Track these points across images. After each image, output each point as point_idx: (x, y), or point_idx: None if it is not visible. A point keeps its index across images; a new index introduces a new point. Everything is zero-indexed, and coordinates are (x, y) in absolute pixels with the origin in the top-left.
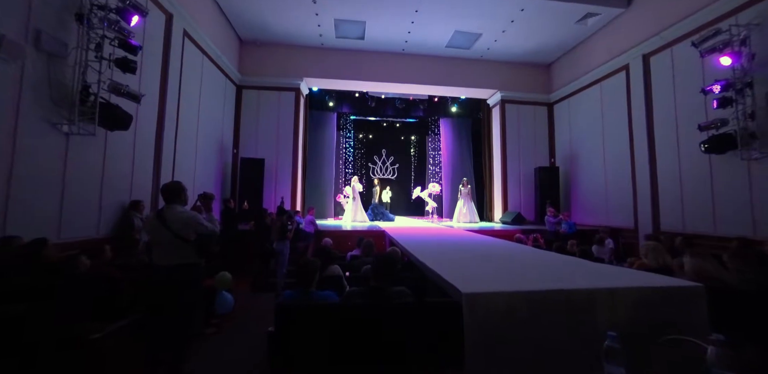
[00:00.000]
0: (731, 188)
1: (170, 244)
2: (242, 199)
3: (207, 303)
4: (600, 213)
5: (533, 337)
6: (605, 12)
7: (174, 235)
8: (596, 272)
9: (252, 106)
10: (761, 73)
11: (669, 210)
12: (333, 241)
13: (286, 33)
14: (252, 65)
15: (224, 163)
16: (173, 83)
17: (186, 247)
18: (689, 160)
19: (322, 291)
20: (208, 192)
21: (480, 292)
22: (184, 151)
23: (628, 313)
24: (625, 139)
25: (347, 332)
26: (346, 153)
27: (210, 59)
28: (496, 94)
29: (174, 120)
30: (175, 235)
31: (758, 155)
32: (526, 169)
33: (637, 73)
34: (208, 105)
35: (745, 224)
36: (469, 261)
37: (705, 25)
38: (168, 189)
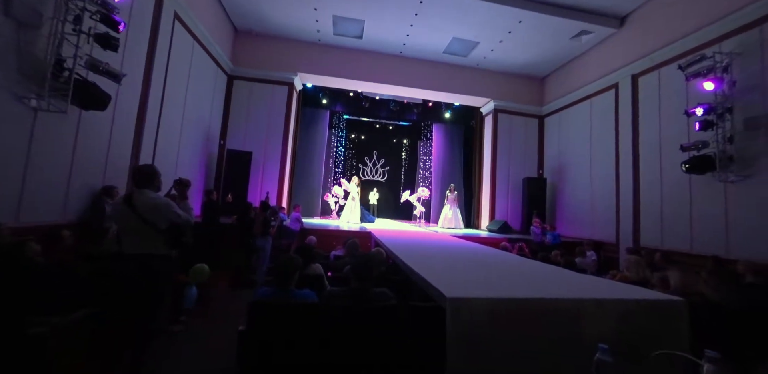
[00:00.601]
0: (708, 208)
1: (138, 232)
2: (226, 192)
3: (176, 298)
4: (584, 226)
5: (516, 344)
6: (599, 30)
7: (143, 223)
8: (581, 283)
9: (243, 98)
10: (741, 99)
11: (649, 226)
12: (317, 240)
13: (283, 26)
14: (245, 56)
15: (209, 153)
16: (159, 66)
17: (156, 236)
18: (671, 179)
19: (301, 290)
20: (184, 179)
21: (465, 297)
22: (167, 138)
23: (613, 325)
24: (611, 154)
25: (324, 333)
26: (336, 152)
27: (201, 45)
28: (489, 103)
29: (158, 104)
30: (144, 223)
31: (734, 178)
32: (515, 179)
33: (626, 92)
34: (196, 92)
35: (719, 244)
36: (455, 266)
37: (691, 50)
38: (140, 172)
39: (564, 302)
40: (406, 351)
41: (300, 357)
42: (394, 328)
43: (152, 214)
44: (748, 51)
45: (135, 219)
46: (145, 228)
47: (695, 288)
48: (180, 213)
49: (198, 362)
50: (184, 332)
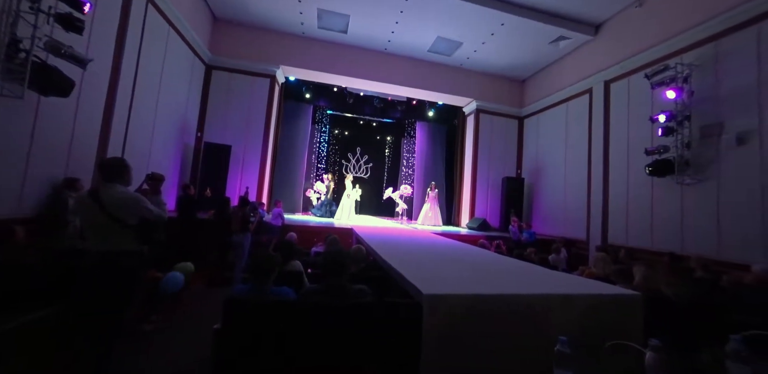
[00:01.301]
0: (667, 208)
1: (106, 228)
2: (204, 186)
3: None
4: (557, 225)
5: (489, 339)
6: (575, 37)
7: (111, 218)
8: (551, 279)
9: (222, 89)
10: (698, 108)
11: (616, 225)
12: (298, 236)
13: (266, 16)
14: (226, 45)
15: (185, 145)
16: (131, 52)
17: (125, 232)
18: (636, 181)
19: (279, 288)
20: (157, 173)
21: (441, 294)
22: (139, 128)
23: (579, 319)
24: (584, 156)
25: (301, 331)
26: (319, 148)
27: (177, 32)
28: (471, 103)
29: (129, 93)
30: (112, 218)
31: (690, 181)
32: (495, 178)
33: (599, 97)
34: (172, 81)
35: (675, 241)
36: (433, 263)
37: (657, 60)
38: (109, 166)
39: (535, 298)
40: (382, 347)
41: (277, 356)
42: (371, 325)
43: (120, 210)
44: (705, 64)
45: (102, 215)
46: (113, 224)
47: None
48: (151, 209)
49: (170, 362)
50: (155, 331)
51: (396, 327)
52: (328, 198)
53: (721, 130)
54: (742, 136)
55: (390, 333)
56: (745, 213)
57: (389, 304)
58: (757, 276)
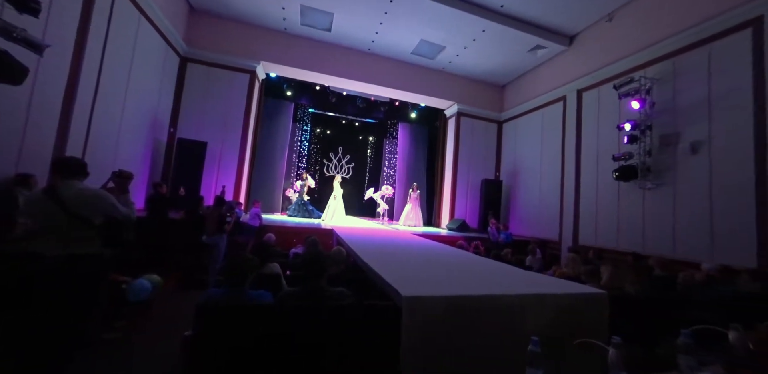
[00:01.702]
0: (631, 211)
1: (66, 229)
2: (177, 185)
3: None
4: (532, 226)
5: (468, 340)
6: (551, 46)
7: (73, 218)
8: (526, 279)
9: (198, 83)
10: (658, 119)
11: (586, 226)
12: (277, 237)
13: (246, 9)
14: (203, 37)
15: (156, 141)
16: (96, 39)
17: (88, 233)
18: (604, 185)
19: (256, 291)
20: (125, 171)
21: (419, 296)
22: (104, 121)
23: (551, 317)
24: (558, 161)
25: (278, 335)
26: (301, 146)
27: (149, 20)
28: (453, 106)
29: (93, 83)
30: (75, 218)
31: (651, 185)
32: (474, 180)
33: (572, 104)
34: (142, 73)
35: (638, 242)
36: (412, 265)
37: (624, 72)
38: (67, 162)
39: (510, 298)
40: (362, 350)
41: (253, 363)
42: (351, 328)
43: (85, 207)
44: (664, 78)
45: (62, 215)
46: (75, 224)
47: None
48: (120, 208)
49: (135, 373)
50: (120, 339)
51: (376, 329)
52: (301, 197)
53: (678, 140)
54: (695, 145)
55: (370, 336)
56: (696, 215)
57: (369, 307)
58: (706, 274)
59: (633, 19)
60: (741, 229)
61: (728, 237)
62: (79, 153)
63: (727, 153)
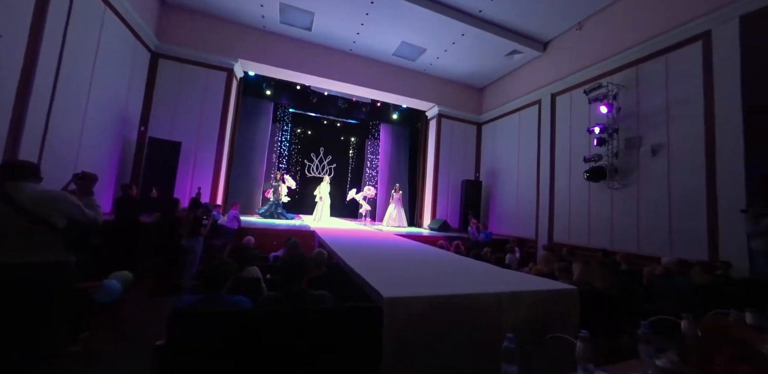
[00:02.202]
0: (600, 210)
1: (23, 235)
2: (148, 186)
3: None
4: (510, 225)
5: (447, 338)
6: (527, 52)
7: (32, 221)
8: (502, 277)
9: (171, 80)
10: (624, 123)
11: (560, 225)
12: (257, 240)
13: (222, 5)
14: (176, 33)
15: (125, 140)
16: (53, 30)
17: (50, 238)
18: (576, 185)
19: (234, 297)
20: (89, 173)
21: (400, 296)
22: (64, 119)
23: (526, 313)
24: (534, 162)
25: (257, 342)
26: (281, 147)
27: (115, 12)
28: (434, 108)
29: (51, 77)
30: (33, 221)
31: (618, 185)
32: (455, 181)
33: (546, 108)
34: (108, 68)
35: (606, 239)
36: (394, 265)
37: (593, 78)
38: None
39: (487, 296)
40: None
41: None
42: (332, 331)
43: (45, 209)
44: (629, 84)
45: (18, 218)
46: (37, 228)
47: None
48: (84, 210)
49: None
50: (85, 352)
51: (358, 331)
52: (274, 199)
53: (641, 143)
54: (655, 148)
55: (352, 338)
56: (657, 213)
57: (350, 309)
58: (665, 267)
59: (601, 28)
60: (694, 226)
61: (684, 233)
62: (35, 154)
63: (682, 156)
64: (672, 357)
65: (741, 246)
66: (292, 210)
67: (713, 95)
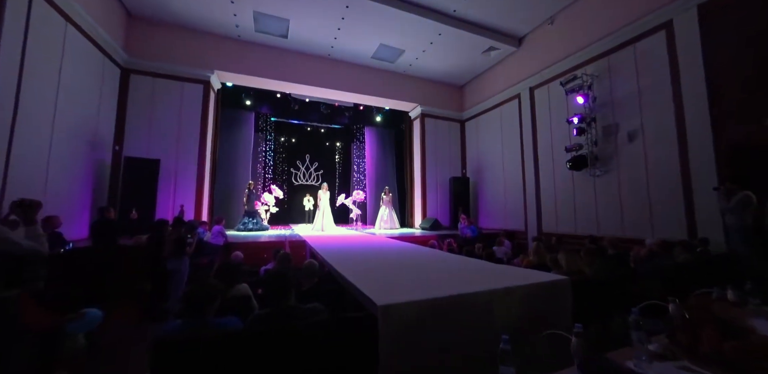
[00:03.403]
0: (584, 197)
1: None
2: (126, 208)
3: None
4: (499, 218)
5: (443, 341)
6: (503, 48)
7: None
8: (495, 273)
9: (144, 96)
10: (600, 112)
11: (548, 215)
12: (246, 254)
13: (194, 16)
14: (146, 46)
15: (97, 162)
16: (10, 52)
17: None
18: (560, 175)
19: (221, 319)
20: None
21: (394, 303)
22: (29, 144)
23: (519, 308)
24: (518, 155)
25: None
26: (266, 157)
27: (78, 29)
28: (417, 108)
29: (10, 103)
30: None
31: (599, 173)
32: (442, 179)
33: (526, 101)
34: (75, 87)
35: (592, 225)
36: (386, 270)
37: (568, 70)
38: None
39: (480, 295)
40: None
41: None
42: (327, 344)
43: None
44: (602, 74)
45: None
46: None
47: (577, 265)
48: (16, 241)
49: None
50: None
51: (353, 342)
52: (246, 210)
53: (617, 130)
54: (631, 134)
55: (348, 349)
56: (637, 197)
57: (344, 320)
58: (649, 248)
59: (571, 22)
60: (672, 206)
61: (664, 214)
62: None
63: (656, 140)
64: (663, 340)
65: (716, 223)
66: (281, 221)
67: (680, 79)
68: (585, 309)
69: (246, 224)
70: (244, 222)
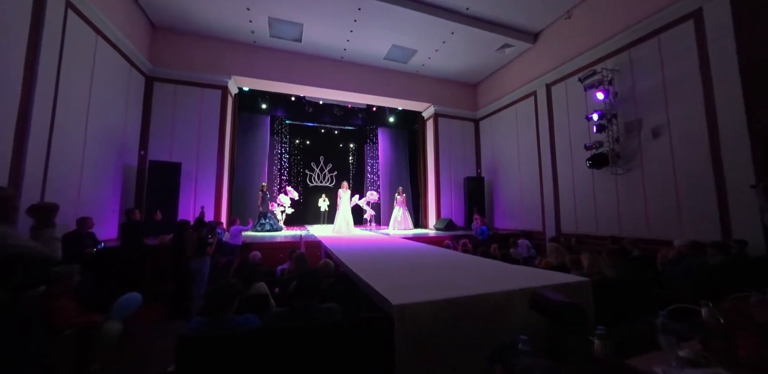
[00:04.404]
0: (605, 197)
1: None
2: (152, 209)
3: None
4: (515, 219)
5: (460, 341)
6: (518, 45)
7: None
8: (512, 274)
9: (167, 102)
10: (622, 107)
11: (566, 215)
12: (263, 254)
13: (212, 24)
14: (169, 56)
15: (125, 166)
16: (48, 64)
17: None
18: (579, 174)
19: (241, 316)
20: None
21: (410, 303)
22: (65, 150)
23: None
24: (534, 154)
25: (268, 363)
26: (281, 159)
27: (107, 41)
28: (430, 108)
29: (48, 112)
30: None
31: (621, 171)
32: (457, 179)
33: (542, 99)
34: (105, 96)
35: (614, 225)
36: (401, 270)
37: (586, 65)
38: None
39: (497, 295)
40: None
41: None
42: (343, 344)
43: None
44: (623, 69)
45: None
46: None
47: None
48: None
49: None
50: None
51: (369, 342)
52: (261, 211)
53: (641, 126)
54: (656, 130)
55: (364, 349)
56: (663, 195)
57: (360, 320)
58: (678, 250)
59: (589, 15)
60: (704, 205)
61: (694, 213)
62: (38, 188)
63: (684, 134)
64: (695, 346)
65: (755, 223)
66: (297, 221)
67: (710, 71)
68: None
69: (263, 225)
70: (261, 223)
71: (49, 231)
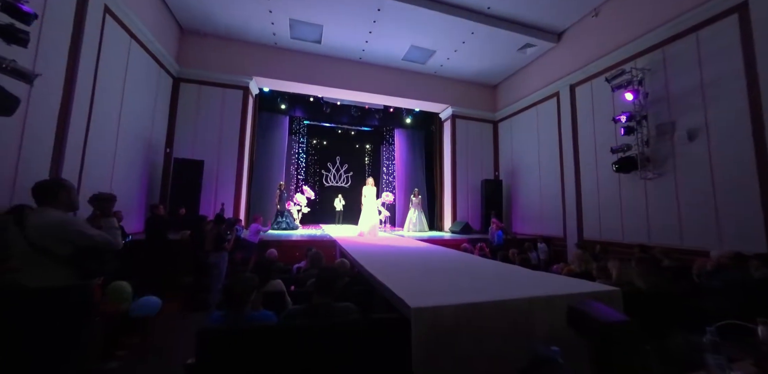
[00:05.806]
0: (633, 203)
1: (27, 260)
2: (175, 205)
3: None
4: (534, 223)
5: (479, 348)
6: (540, 44)
7: (32, 248)
8: (534, 280)
9: (191, 102)
10: (653, 109)
11: (590, 221)
12: (279, 252)
13: (236, 27)
14: (194, 57)
15: (152, 163)
16: (87, 66)
17: (52, 265)
18: (605, 178)
19: (258, 312)
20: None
21: (428, 306)
22: (99, 147)
23: (562, 319)
24: (556, 157)
25: (284, 359)
26: (298, 159)
27: (140, 44)
28: (447, 109)
29: (86, 110)
30: (35, 248)
31: (652, 175)
32: (474, 181)
33: (565, 100)
34: (136, 96)
35: (643, 233)
36: (418, 273)
37: (614, 65)
38: (38, 187)
39: (519, 302)
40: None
41: None
42: (359, 343)
43: (47, 238)
44: (655, 68)
45: (23, 244)
46: (37, 255)
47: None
48: (92, 234)
49: None
50: (119, 369)
51: (385, 343)
52: (278, 209)
53: (674, 128)
54: (691, 132)
55: (379, 350)
56: (700, 202)
57: (376, 321)
58: (717, 261)
59: (618, 12)
60: (746, 214)
61: (735, 223)
62: (74, 181)
63: (725, 137)
64: (748, 367)
65: None
66: (312, 220)
67: (756, 69)
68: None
69: (280, 223)
70: (278, 221)
71: (110, 220)
